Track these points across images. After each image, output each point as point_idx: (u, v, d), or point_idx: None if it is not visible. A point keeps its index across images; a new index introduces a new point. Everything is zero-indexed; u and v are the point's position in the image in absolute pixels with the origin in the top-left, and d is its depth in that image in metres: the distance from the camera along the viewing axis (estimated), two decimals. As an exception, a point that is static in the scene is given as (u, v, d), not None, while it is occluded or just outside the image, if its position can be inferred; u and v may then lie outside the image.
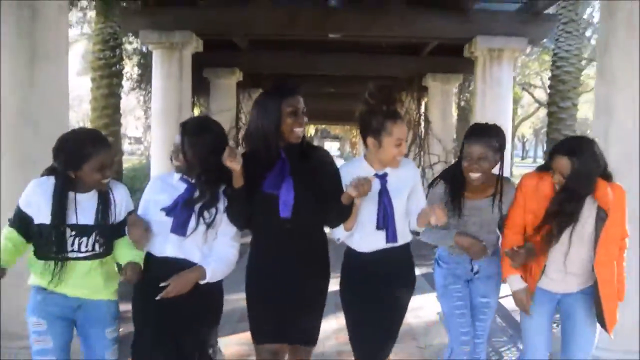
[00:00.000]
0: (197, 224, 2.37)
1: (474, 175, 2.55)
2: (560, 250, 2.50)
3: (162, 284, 2.27)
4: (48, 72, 3.53)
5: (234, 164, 2.29)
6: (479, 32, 6.81)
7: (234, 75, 9.84)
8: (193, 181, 2.41)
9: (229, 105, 9.95)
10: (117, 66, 8.17)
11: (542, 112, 23.47)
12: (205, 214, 2.39)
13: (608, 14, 3.77)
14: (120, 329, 2.58)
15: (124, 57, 8.57)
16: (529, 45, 7.53)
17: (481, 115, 6.87)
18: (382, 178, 2.55)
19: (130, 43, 8.27)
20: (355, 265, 2.62)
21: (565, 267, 2.52)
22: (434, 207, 2.39)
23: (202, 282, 2.35)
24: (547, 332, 2.64)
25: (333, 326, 4.00)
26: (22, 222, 2.36)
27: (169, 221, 2.37)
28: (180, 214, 2.37)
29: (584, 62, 12.20)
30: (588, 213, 2.45)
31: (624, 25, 3.57)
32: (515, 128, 31.04)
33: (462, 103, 12.67)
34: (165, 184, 2.49)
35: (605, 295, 2.48)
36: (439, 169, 9.31)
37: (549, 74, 9.48)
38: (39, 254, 2.35)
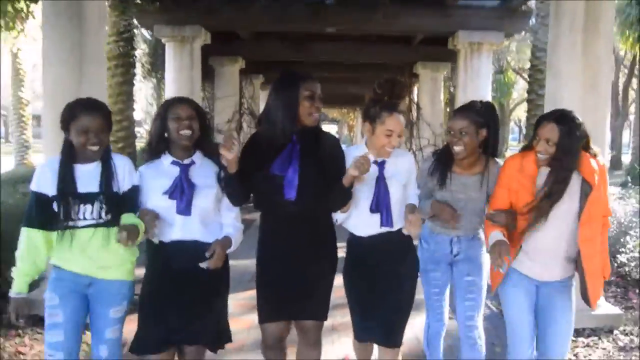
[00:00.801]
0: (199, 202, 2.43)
1: (457, 148, 2.58)
2: (543, 228, 2.44)
3: (207, 254, 2.36)
4: (92, 72, 4.23)
5: (228, 153, 2.31)
6: (461, 27, 7.50)
7: (237, 63, 10.38)
8: (185, 162, 2.45)
9: (232, 91, 10.45)
10: (132, 57, 8.83)
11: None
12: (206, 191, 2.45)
13: (555, 17, 4.46)
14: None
15: (136, 47, 9.21)
16: (505, 38, 8.20)
17: (462, 101, 7.60)
18: (380, 165, 2.61)
19: (143, 35, 8.90)
20: (356, 249, 2.69)
21: (546, 246, 2.48)
22: (409, 218, 2.53)
23: (228, 251, 2.46)
24: (529, 314, 2.56)
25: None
26: (40, 206, 2.36)
27: (172, 205, 2.41)
28: (182, 195, 2.41)
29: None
30: (573, 188, 2.41)
31: (568, 27, 4.22)
32: (510, 112, 31.49)
33: (452, 89, 13.33)
34: (157, 170, 2.48)
35: (589, 272, 2.44)
36: (428, 151, 10.03)
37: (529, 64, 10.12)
38: (49, 227, 2.37)
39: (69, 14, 4.12)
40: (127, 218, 2.35)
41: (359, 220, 2.62)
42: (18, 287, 2.36)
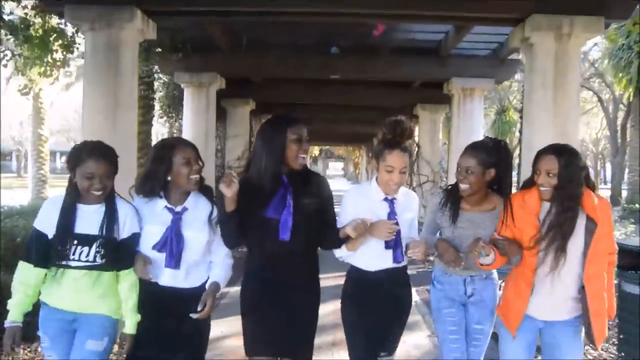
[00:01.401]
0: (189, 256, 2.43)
1: (462, 186, 2.58)
2: (547, 268, 2.42)
3: (198, 310, 2.38)
4: (124, 117, 4.85)
5: (228, 190, 2.33)
6: (454, 74, 8.19)
7: (247, 105, 11.04)
8: (178, 209, 2.44)
9: (243, 130, 11.12)
10: (152, 99, 9.53)
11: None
12: (195, 242, 2.44)
13: (529, 73, 5.10)
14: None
15: (155, 90, 9.94)
16: (496, 84, 8.85)
17: (456, 143, 8.23)
18: (391, 202, 2.63)
19: (161, 79, 9.62)
20: (359, 282, 2.67)
21: (553, 286, 2.43)
22: (411, 246, 2.56)
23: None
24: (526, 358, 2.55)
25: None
26: (39, 244, 2.37)
27: (162, 255, 2.41)
28: (171, 250, 2.41)
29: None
30: (578, 225, 2.39)
31: (540, 82, 4.88)
32: (513, 150, 32.04)
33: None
34: (151, 214, 2.46)
35: (594, 311, 2.40)
36: (427, 187, 10.58)
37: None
38: (44, 264, 2.36)
39: (107, 66, 4.81)
40: (124, 285, 2.41)
41: (369, 255, 2.62)
42: (12, 317, 2.37)
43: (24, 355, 3.78)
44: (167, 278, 2.44)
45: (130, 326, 2.40)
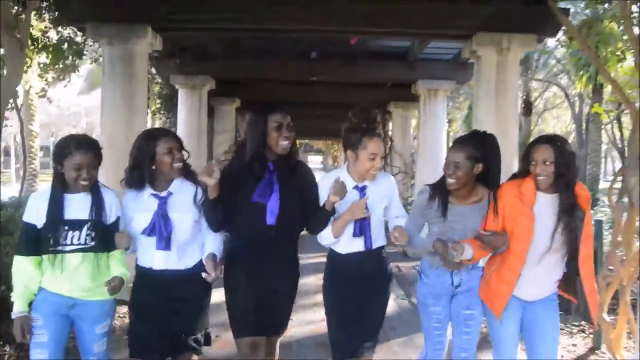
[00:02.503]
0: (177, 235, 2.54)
1: (450, 180, 2.60)
2: (537, 253, 2.49)
3: (204, 276, 2.51)
4: (140, 120, 5.72)
5: (209, 179, 2.43)
6: (420, 77, 9.18)
7: (234, 103, 11.86)
8: (163, 194, 2.56)
9: (230, 126, 11.95)
10: (147, 99, 10.30)
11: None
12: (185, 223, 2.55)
13: (477, 80, 6.12)
14: (115, 322, 2.81)
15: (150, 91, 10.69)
16: (457, 85, 9.91)
17: (422, 139, 9.26)
18: (361, 190, 2.70)
19: (155, 79, 10.41)
20: (337, 264, 2.78)
21: (540, 273, 2.52)
22: (393, 232, 2.65)
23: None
24: (516, 337, 2.66)
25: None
26: (29, 236, 2.48)
27: (152, 239, 2.53)
28: (161, 233, 2.52)
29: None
30: None
31: (485, 91, 5.88)
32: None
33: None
34: (138, 202, 2.58)
35: (588, 290, 2.52)
36: (399, 178, 11.58)
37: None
38: (38, 253, 2.48)
39: (123, 75, 5.64)
40: (116, 268, 2.55)
41: (343, 242, 2.72)
42: (18, 308, 2.47)
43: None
44: (161, 261, 2.56)
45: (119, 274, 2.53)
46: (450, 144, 2.73)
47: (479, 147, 2.60)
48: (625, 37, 6.16)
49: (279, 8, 5.48)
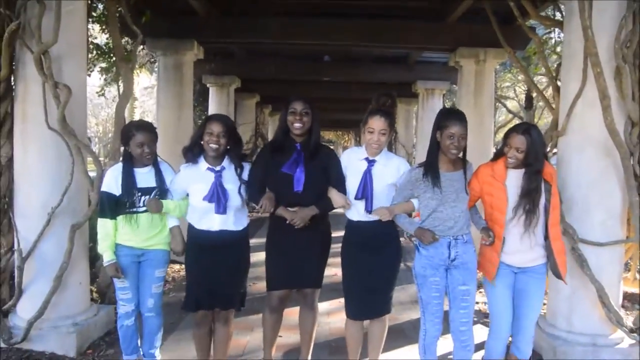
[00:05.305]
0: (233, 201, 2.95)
1: (453, 151, 2.80)
2: (519, 224, 2.84)
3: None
4: (186, 114, 7.09)
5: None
6: (419, 78, 10.49)
7: (254, 98, 13.28)
8: (217, 169, 2.96)
9: (250, 119, 13.35)
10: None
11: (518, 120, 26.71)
12: (240, 190, 2.98)
13: (460, 84, 7.44)
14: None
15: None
16: (451, 85, 11.20)
17: (421, 132, 10.56)
18: (370, 162, 3.00)
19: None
20: (350, 230, 3.11)
21: (523, 238, 2.85)
22: (377, 211, 2.90)
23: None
24: (509, 302, 2.93)
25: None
26: (109, 203, 2.99)
27: (211, 205, 2.93)
28: (219, 200, 2.92)
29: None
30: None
31: (465, 90, 7.20)
32: (493, 135, 33.74)
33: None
34: (196, 174, 2.99)
35: (557, 250, 2.87)
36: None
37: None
38: (117, 214, 2.99)
39: (174, 79, 7.02)
40: (171, 220, 3.08)
41: (352, 208, 3.04)
42: (108, 257, 3.02)
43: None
44: (217, 225, 2.99)
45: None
46: (443, 117, 2.90)
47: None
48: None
49: (294, 30, 6.85)
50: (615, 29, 3.45)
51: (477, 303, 4.51)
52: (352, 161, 3.08)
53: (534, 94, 22.09)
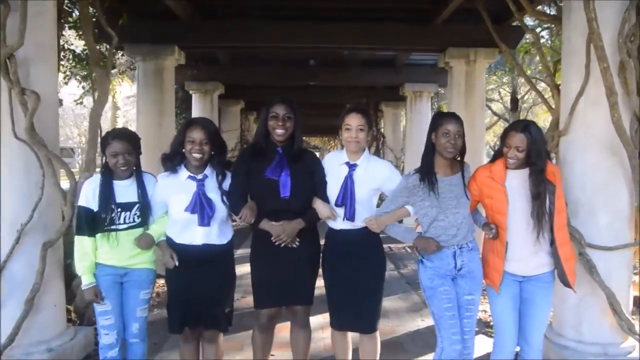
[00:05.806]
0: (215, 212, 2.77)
1: (450, 150, 2.67)
2: (522, 228, 2.68)
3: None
4: (168, 121, 6.84)
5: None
6: (406, 80, 10.35)
7: (239, 105, 13.07)
8: (199, 177, 2.80)
9: (235, 125, 13.14)
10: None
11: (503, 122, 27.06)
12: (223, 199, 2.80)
13: (450, 85, 7.29)
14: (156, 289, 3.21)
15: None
16: (439, 88, 11.08)
17: (409, 133, 10.43)
18: (351, 167, 2.88)
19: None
20: (331, 239, 2.98)
21: (527, 244, 2.69)
22: (367, 222, 2.82)
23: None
24: (515, 313, 2.79)
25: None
26: (87, 218, 2.76)
27: (193, 217, 2.75)
28: (203, 210, 2.74)
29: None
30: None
31: (456, 91, 7.04)
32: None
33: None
34: (176, 184, 2.82)
35: (564, 256, 2.70)
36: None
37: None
38: (95, 231, 2.76)
39: (154, 85, 6.77)
40: (156, 225, 2.87)
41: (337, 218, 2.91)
42: (87, 280, 2.78)
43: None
44: (200, 238, 2.80)
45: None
46: (438, 117, 2.79)
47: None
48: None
49: (279, 32, 6.63)
50: (617, 23, 3.30)
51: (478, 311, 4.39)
52: (333, 166, 2.96)
53: (519, 96, 22.43)
